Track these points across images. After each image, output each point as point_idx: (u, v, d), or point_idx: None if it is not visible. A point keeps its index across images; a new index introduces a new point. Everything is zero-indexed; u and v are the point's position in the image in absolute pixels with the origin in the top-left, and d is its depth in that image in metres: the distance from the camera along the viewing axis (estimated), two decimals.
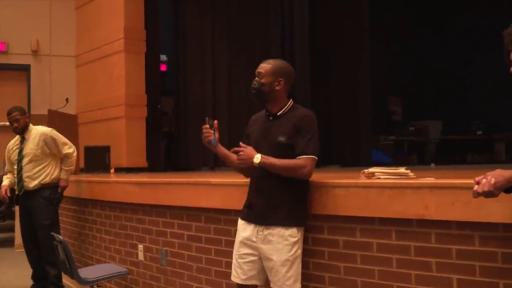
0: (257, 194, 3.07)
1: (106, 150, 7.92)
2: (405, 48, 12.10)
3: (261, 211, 3.02)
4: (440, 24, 12.10)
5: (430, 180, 2.78)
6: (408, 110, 12.77)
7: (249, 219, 3.09)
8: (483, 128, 11.72)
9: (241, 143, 3.04)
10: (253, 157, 2.95)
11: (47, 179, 5.21)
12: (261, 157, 2.94)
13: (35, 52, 10.02)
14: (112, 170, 8.00)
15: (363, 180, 3.07)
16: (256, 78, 3.09)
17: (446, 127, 11.91)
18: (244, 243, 3.09)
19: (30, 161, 5.18)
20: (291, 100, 3.13)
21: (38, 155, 5.19)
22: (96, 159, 7.74)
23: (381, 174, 3.09)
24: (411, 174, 3.11)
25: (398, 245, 2.80)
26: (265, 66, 3.09)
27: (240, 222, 3.16)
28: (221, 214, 3.82)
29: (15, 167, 5.24)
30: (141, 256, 4.72)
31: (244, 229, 3.10)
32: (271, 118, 3.11)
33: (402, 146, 11.85)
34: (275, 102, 3.08)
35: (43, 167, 5.21)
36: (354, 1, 10.68)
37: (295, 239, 2.96)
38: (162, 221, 4.47)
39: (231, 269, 3.19)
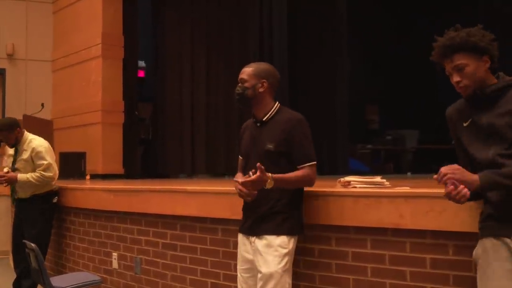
0: (249, 204, 2.91)
1: (81, 156, 7.83)
2: (382, 57, 12.20)
3: (252, 222, 2.91)
4: (418, 33, 12.23)
5: (405, 189, 2.80)
6: (385, 119, 12.86)
7: (244, 231, 2.99)
8: None
9: (250, 173, 2.71)
10: (265, 183, 2.68)
11: (40, 190, 5.10)
12: (273, 179, 2.69)
13: (10, 56, 9.84)
14: (88, 177, 7.90)
15: (339, 188, 3.08)
16: (239, 84, 2.96)
17: (423, 136, 12.01)
18: (244, 258, 2.97)
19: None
20: (277, 103, 2.99)
21: (29, 170, 5.07)
22: (71, 165, 7.64)
23: (357, 183, 3.10)
24: (387, 183, 3.13)
25: (373, 254, 2.80)
26: (246, 70, 2.97)
27: (239, 236, 3.04)
28: (197, 222, 3.79)
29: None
30: (115, 264, 4.66)
31: (243, 243, 2.99)
32: (258, 124, 2.98)
33: (379, 155, 11.93)
34: (261, 106, 2.95)
35: None
36: (331, 9, 10.76)
37: (285, 250, 2.80)
38: (137, 229, 4.42)
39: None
